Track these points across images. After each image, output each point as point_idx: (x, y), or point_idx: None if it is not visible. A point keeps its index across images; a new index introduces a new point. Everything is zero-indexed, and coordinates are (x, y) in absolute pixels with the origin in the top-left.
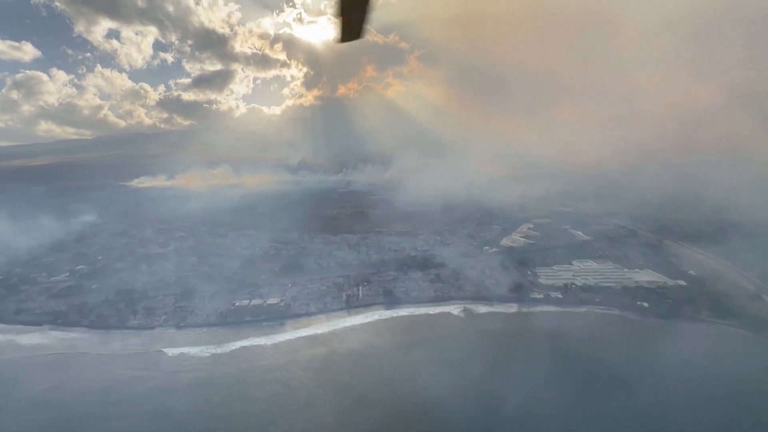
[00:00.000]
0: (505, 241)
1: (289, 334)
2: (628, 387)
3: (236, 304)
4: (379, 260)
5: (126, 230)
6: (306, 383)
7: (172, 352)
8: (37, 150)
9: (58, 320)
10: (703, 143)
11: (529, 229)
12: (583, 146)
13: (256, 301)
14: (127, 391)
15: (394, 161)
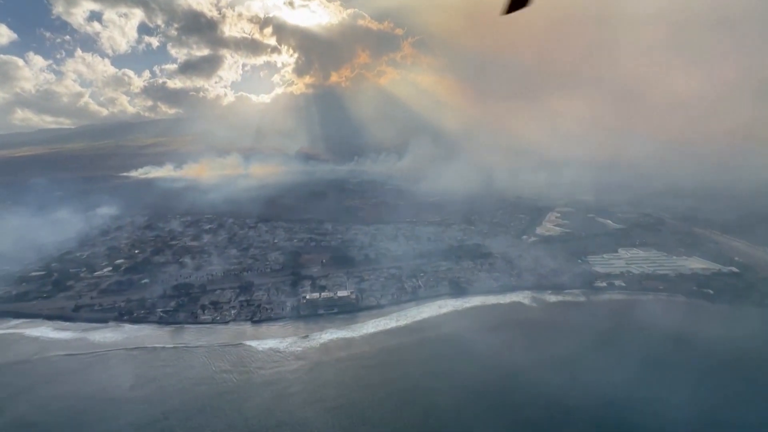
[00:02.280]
0: (540, 230)
1: (371, 326)
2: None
3: (307, 297)
4: (424, 250)
5: (151, 223)
6: (419, 370)
7: (260, 345)
8: (18, 140)
9: (123, 316)
10: (718, 133)
11: (556, 217)
12: (587, 136)
13: (326, 294)
14: (243, 381)
15: (406, 151)
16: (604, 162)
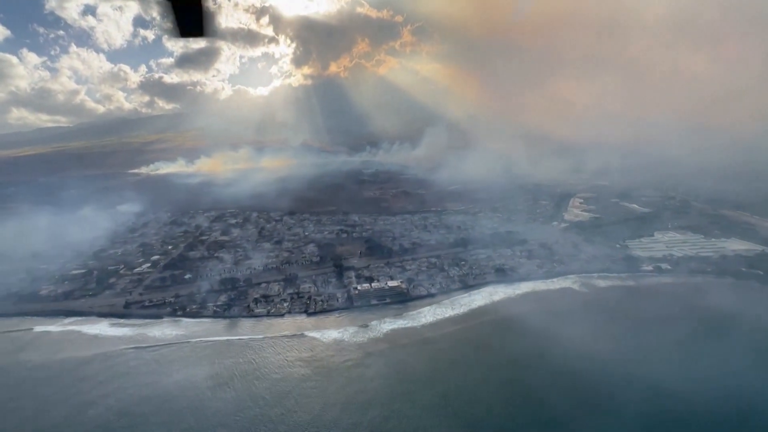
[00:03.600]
0: (569, 216)
1: (429, 315)
2: None
3: (358, 288)
4: (458, 239)
5: (175, 219)
6: (504, 352)
7: (322, 337)
8: (18, 139)
9: (177, 312)
10: (738, 116)
11: (580, 203)
12: (597, 121)
13: (376, 285)
14: (320, 367)
15: (420, 141)
16: (616, 147)
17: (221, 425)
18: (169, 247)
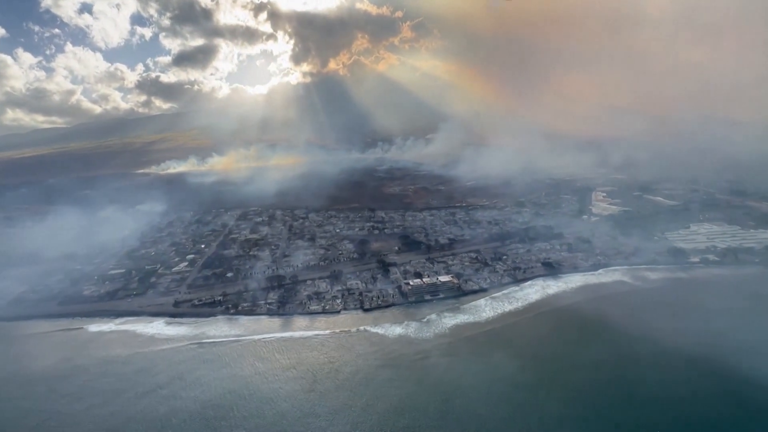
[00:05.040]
0: (597, 210)
1: (488, 310)
2: None
3: (410, 283)
4: (493, 234)
5: (199, 217)
6: (580, 344)
7: (387, 332)
8: (15, 141)
9: (230, 310)
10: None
11: (603, 197)
12: (602, 116)
13: (427, 280)
14: (401, 355)
15: (428, 138)
16: (627, 141)
17: (311, 414)
18: (202, 246)
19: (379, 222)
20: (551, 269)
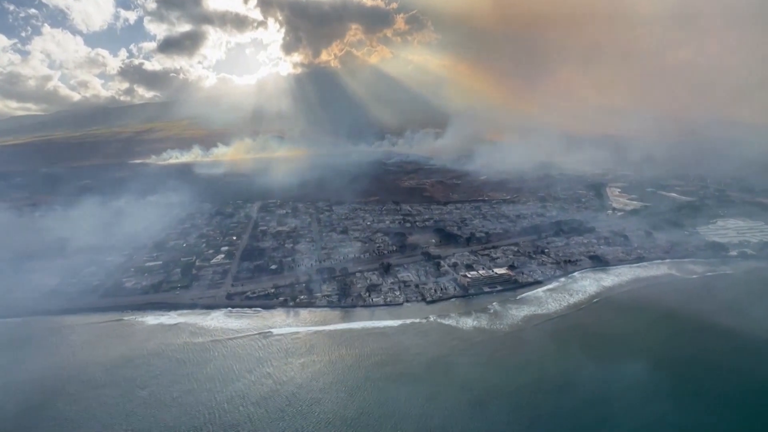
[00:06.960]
0: (617, 205)
1: (553, 302)
2: None
3: (468, 275)
4: (526, 227)
5: (219, 209)
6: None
7: (459, 324)
8: None
9: (288, 302)
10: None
11: (619, 192)
12: (601, 112)
13: (483, 272)
14: (487, 339)
15: (445, 131)
16: (629, 139)
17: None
18: (233, 238)
19: (407, 215)
20: (599, 262)
